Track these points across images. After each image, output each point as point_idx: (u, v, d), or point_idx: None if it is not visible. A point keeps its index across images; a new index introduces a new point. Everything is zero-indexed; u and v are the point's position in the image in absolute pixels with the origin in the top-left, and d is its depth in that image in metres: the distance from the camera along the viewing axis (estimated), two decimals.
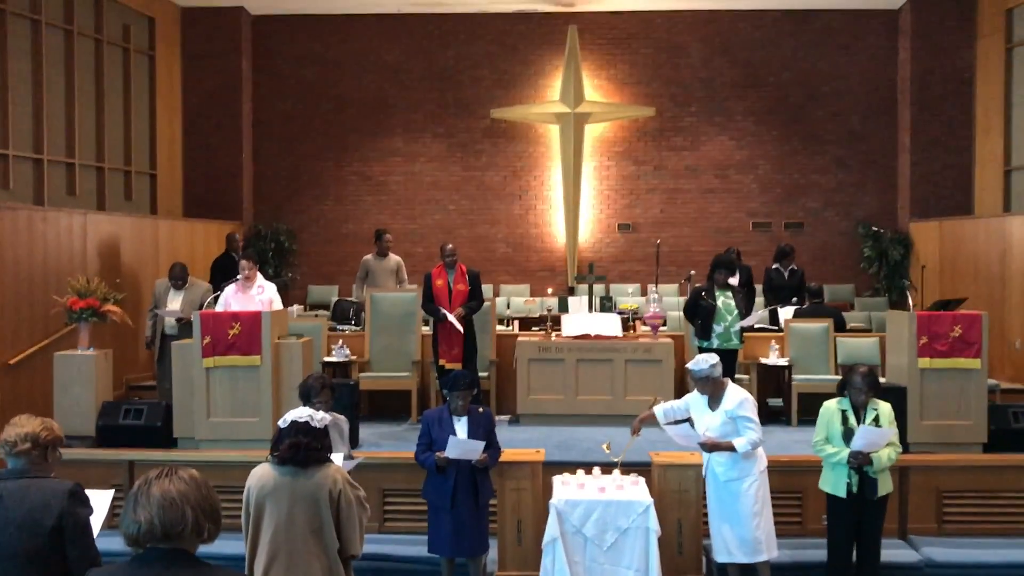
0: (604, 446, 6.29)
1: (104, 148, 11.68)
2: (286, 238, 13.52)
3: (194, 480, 2.68)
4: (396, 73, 13.71)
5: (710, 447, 5.94)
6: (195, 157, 13.38)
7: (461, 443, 5.69)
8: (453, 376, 5.93)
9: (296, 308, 11.93)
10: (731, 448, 5.86)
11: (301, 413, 4.35)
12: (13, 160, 10.14)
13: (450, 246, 8.88)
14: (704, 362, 6.00)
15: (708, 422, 6.04)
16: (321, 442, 4.30)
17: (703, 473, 6.19)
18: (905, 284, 10.19)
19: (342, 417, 5.99)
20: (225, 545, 5.93)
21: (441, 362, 8.56)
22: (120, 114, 12.11)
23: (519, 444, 7.73)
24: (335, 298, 12.54)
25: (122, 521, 2.65)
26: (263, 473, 4.29)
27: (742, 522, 5.89)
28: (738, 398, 5.96)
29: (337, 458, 5.12)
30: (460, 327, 8.41)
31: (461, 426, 5.88)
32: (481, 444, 5.72)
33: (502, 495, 6.39)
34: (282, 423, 4.34)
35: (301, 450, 4.21)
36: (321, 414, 4.42)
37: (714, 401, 6.05)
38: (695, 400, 6.21)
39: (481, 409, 6.01)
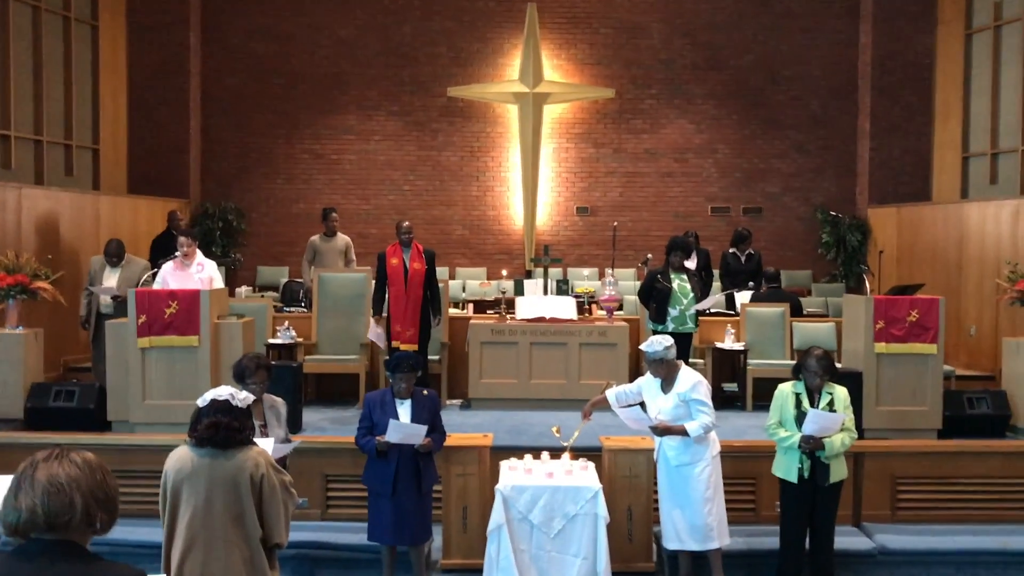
0: (554, 429, 6.10)
1: (43, 121, 11.20)
2: (235, 217, 13.12)
3: (88, 464, 2.40)
4: (350, 48, 13.35)
5: (661, 431, 5.80)
6: (140, 132, 12.91)
7: (402, 427, 5.45)
8: (396, 357, 5.69)
9: (244, 289, 11.60)
10: (683, 432, 5.72)
11: (221, 392, 4.08)
12: None
13: (406, 223, 8.60)
14: (658, 343, 5.83)
15: (660, 405, 5.88)
16: (243, 423, 4.04)
17: (655, 457, 6.02)
18: (863, 269, 10.11)
19: (279, 400, 5.70)
20: (158, 533, 5.64)
21: (395, 344, 8.29)
22: (60, 86, 11.62)
23: (470, 429, 7.51)
24: (284, 279, 12.22)
25: (2, 508, 2.37)
26: (181, 455, 4.01)
27: (693, 508, 5.75)
28: (691, 381, 5.80)
29: (268, 443, 4.86)
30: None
31: (404, 409, 5.64)
32: (423, 428, 5.48)
33: (447, 481, 6.17)
34: (201, 402, 4.07)
35: (221, 430, 3.94)
36: (244, 394, 4.16)
37: (667, 384, 5.90)
38: (648, 383, 6.04)
39: (426, 392, 5.77)
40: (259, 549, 3.98)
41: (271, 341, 9.02)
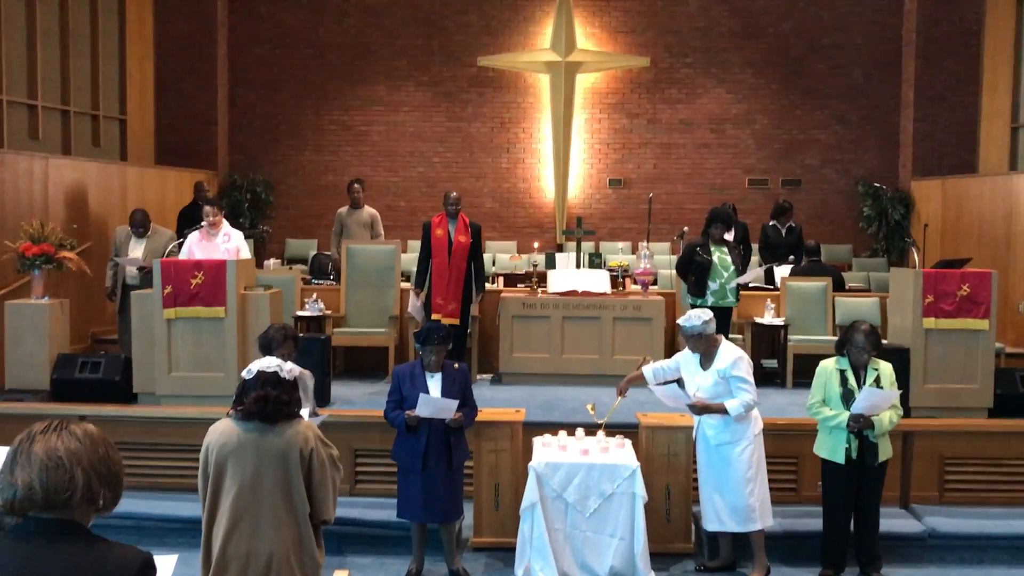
0: (588, 407, 5.88)
1: (70, 91, 11.08)
2: (263, 189, 12.96)
3: (89, 436, 2.22)
4: (379, 17, 13.09)
5: (700, 409, 5.54)
6: (168, 103, 12.77)
7: (433, 401, 5.26)
8: (426, 329, 5.49)
9: (273, 262, 11.43)
10: (722, 410, 5.47)
11: (269, 363, 3.90)
12: None
13: (454, 194, 8.40)
14: (696, 318, 5.57)
15: (699, 382, 5.63)
16: (291, 395, 3.85)
17: (693, 436, 5.79)
18: (909, 242, 9.74)
19: (306, 372, 5.51)
20: (184, 507, 5.47)
21: (435, 317, 8.12)
22: (87, 56, 11.49)
23: (500, 404, 7.34)
24: (313, 252, 12.07)
25: None
26: (225, 429, 3.83)
27: (734, 489, 5.51)
28: (731, 357, 5.54)
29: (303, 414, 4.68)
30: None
31: (434, 383, 5.45)
32: (454, 403, 5.29)
33: (479, 457, 5.98)
34: (246, 374, 3.88)
35: (270, 403, 3.76)
36: (290, 365, 3.97)
37: (706, 360, 5.64)
38: (686, 359, 5.79)
39: (456, 365, 5.58)
40: (308, 526, 3.81)
41: (299, 313, 8.87)
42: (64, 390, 7.39)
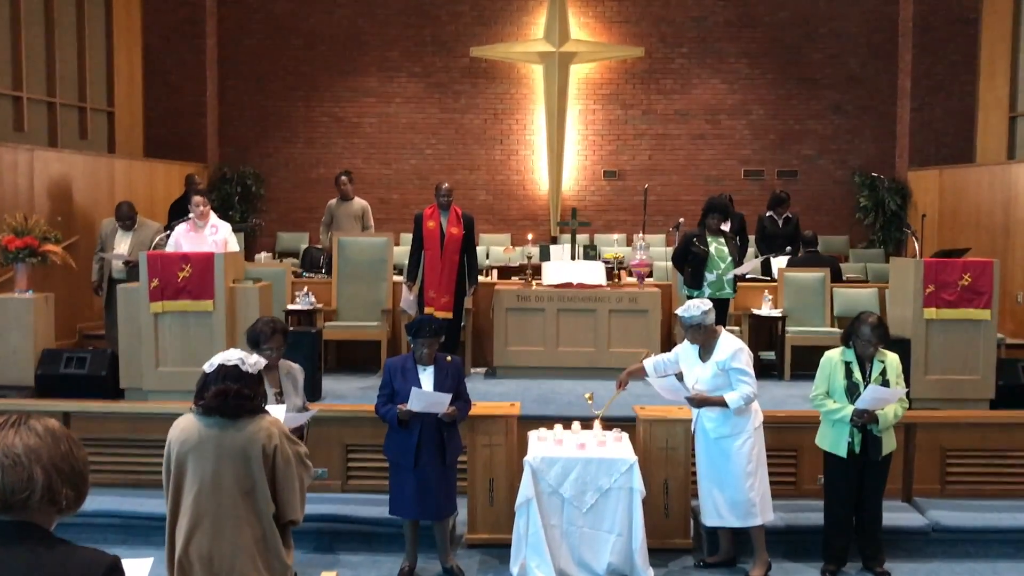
0: (586, 396, 5.74)
1: (55, 82, 10.89)
2: (253, 182, 12.80)
3: (51, 432, 2.07)
4: (370, 7, 12.91)
5: (698, 401, 5.41)
6: (156, 95, 12.59)
7: (425, 395, 5.12)
8: (418, 321, 5.35)
9: (264, 255, 11.29)
10: (721, 403, 5.34)
11: (230, 356, 3.75)
12: None
13: (446, 185, 8.25)
14: (695, 308, 5.44)
15: (698, 374, 5.50)
16: (253, 390, 3.70)
17: (692, 429, 5.66)
18: (908, 231, 9.62)
19: (296, 366, 5.40)
20: (160, 504, 5.28)
21: (428, 310, 7.98)
22: (73, 47, 11.29)
23: (495, 398, 7.22)
24: (304, 245, 11.91)
25: None
26: (186, 425, 3.69)
27: (734, 483, 5.38)
28: (731, 348, 5.40)
29: (279, 410, 4.55)
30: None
31: (427, 376, 5.31)
32: (447, 396, 5.15)
33: (473, 452, 5.85)
34: (208, 367, 3.74)
35: (230, 398, 3.61)
36: (255, 358, 3.82)
37: (705, 351, 5.51)
38: (685, 351, 5.66)
39: (449, 358, 5.44)
40: (272, 526, 3.67)
41: (290, 307, 8.72)
42: (49, 386, 7.24)
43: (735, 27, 12.88)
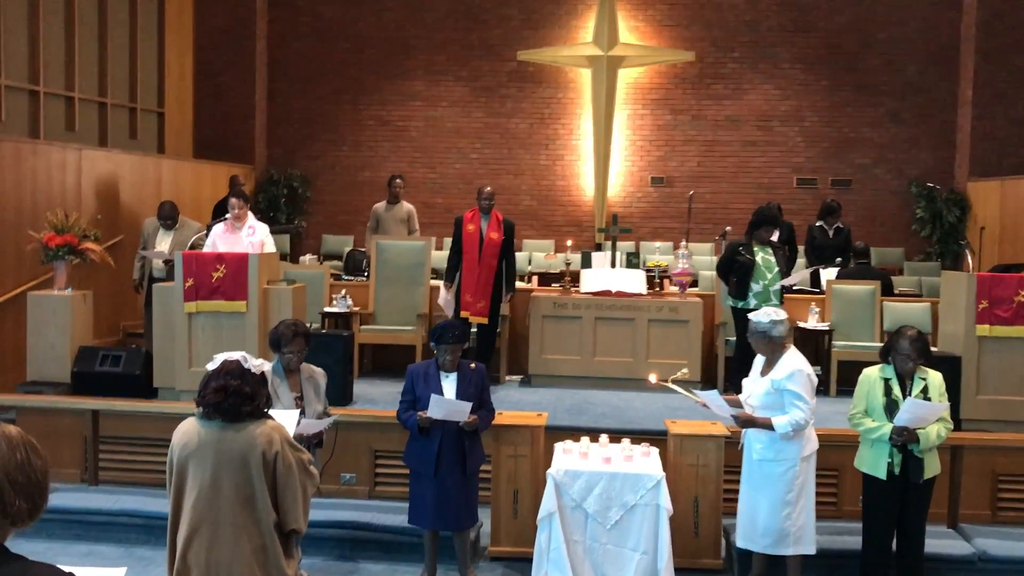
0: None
1: (107, 83, 11.05)
2: (300, 184, 12.86)
3: (7, 439, 1.98)
4: (418, 11, 12.89)
5: (744, 422, 5.11)
6: (206, 97, 12.73)
7: (445, 402, 5.01)
8: (441, 326, 5.24)
9: (308, 258, 11.31)
10: (768, 426, 5.04)
11: (233, 353, 3.68)
12: (6, 91, 9.53)
13: (488, 189, 8.18)
14: (764, 315, 5.13)
15: (752, 388, 5.21)
16: (255, 389, 3.60)
17: (740, 445, 5.38)
18: (963, 245, 9.27)
19: (319, 370, 5.34)
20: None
21: (464, 314, 7.90)
22: (125, 48, 11.46)
23: (528, 407, 7.10)
24: (349, 248, 11.91)
25: None
26: (188, 428, 3.62)
27: (770, 508, 5.11)
28: (790, 367, 5.06)
29: (290, 416, 4.45)
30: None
31: (449, 383, 5.20)
32: (467, 404, 5.03)
33: (497, 462, 5.72)
34: (210, 365, 3.67)
35: (229, 396, 3.51)
36: (260, 360, 3.74)
37: (767, 366, 5.19)
38: (757, 362, 5.35)
39: (473, 365, 5.32)
40: (272, 536, 3.57)
41: (327, 310, 8.69)
42: (84, 383, 7.28)
43: (789, 32, 12.58)
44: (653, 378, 5.37)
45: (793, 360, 5.12)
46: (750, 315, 5.26)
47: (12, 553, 1.94)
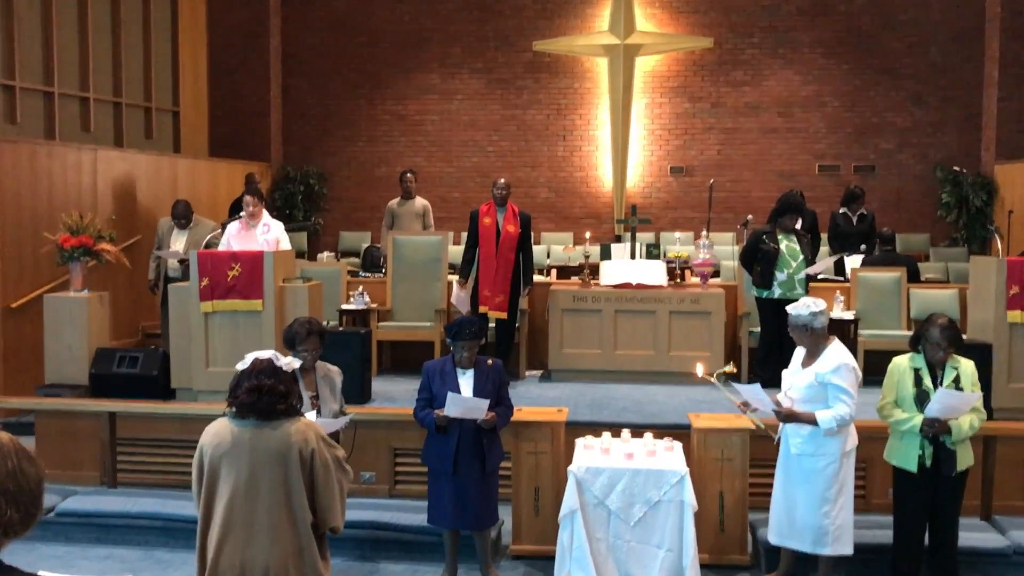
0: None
1: (122, 83, 11.04)
2: (316, 181, 12.82)
3: None
4: (432, 3, 12.78)
5: (786, 416, 4.96)
6: (221, 95, 12.70)
7: (461, 400, 4.91)
8: (458, 323, 5.14)
9: (326, 255, 11.26)
10: (812, 420, 4.89)
11: (264, 352, 3.62)
12: (21, 93, 9.54)
13: (503, 180, 8.08)
14: (804, 307, 4.98)
15: (794, 381, 5.06)
16: (289, 387, 3.55)
17: (776, 439, 5.24)
18: (992, 230, 9.05)
19: (334, 368, 5.26)
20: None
21: (482, 310, 7.81)
22: (139, 47, 11.44)
23: (548, 402, 6.99)
24: (366, 245, 11.85)
25: None
26: (219, 429, 3.56)
27: (807, 506, 4.96)
28: (836, 361, 4.91)
29: (310, 415, 4.39)
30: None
31: (466, 380, 5.10)
32: (485, 402, 4.93)
33: (517, 459, 5.63)
34: (240, 365, 3.61)
35: (264, 394, 3.46)
36: (289, 358, 3.68)
37: (809, 357, 5.03)
38: (797, 353, 5.21)
39: (491, 361, 5.22)
40: (309, 535, 3.50)
41: (344, 307, 8.62)
42: (102, 385, 7.25)
43: (809, 16, 12.36)
44: (700, 369, 5.24)
45: (838, 353, 4.98)
46: (788, 308, 5.11)
47: (5, 565, 1.86)
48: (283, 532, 3.45)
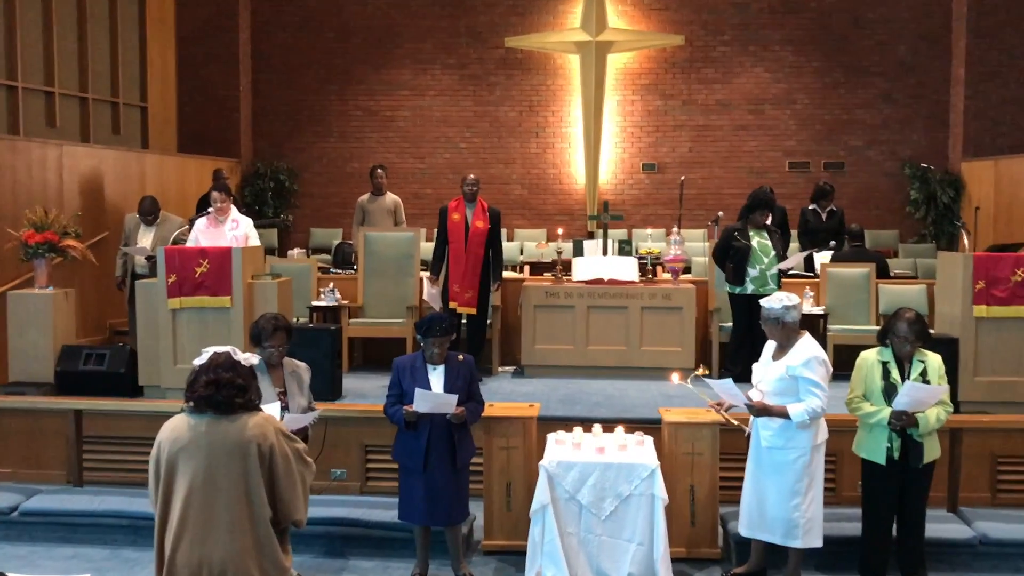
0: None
1: (88, 77, 10.88)
2: (287, 177, 12.72)
3: None
4: None
5: (759, 410, 4.97)
6: (189, 89, 12.57)
7: (430, 396, 4.90)
8: (428, 319, 5.11)
9: (297, 251, 11.18)
10: (784, 415, 4.91)
11: (222, 348, 3.58)
12: None
13: (472, 176, 8.07)
14: (777, 300, 5.02)
15: (765, 374, 5.09)
16: (247, 381, 3.51)
17: (747, 432, 5.26)
18: (959, 225, 9.16)
19: (302, 364, 5.23)
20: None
21: (452, 305, 7.79)
22: (106, 41, 11.29)
23: (520, 398, 6.99)
24: (337, 241, 11.78)
25: None
26: (176, 424, 3.52)
27: (777, 498, 4.99)
28: (806, 354, 4.95)
29: (272, 408, 4.33)
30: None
31: (436, 376, 5.08)
32: (454, 397, 4.91)
33: (489, 455, 5.61)
34: (198, 360, 3.57)
35: (221, 388, 3.43)
36: (248, 354, 3.64)
37: (780, 351, 5.07)
38: (767, 347, 5.24)
39: (461, 357, 5.20)
40: (268, 530, 3.45)
41: (315, 303, 8.56)
42: (68, 383, 7.16)
43: (779, 14, 12.44)
44: (676, 378, 5.25)
45: (809, 347, 5.01)
46: (762, 301, 5.14)
47: None
48: (242, 527, 3.42)
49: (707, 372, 5.39)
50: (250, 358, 3.67)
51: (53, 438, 6.65)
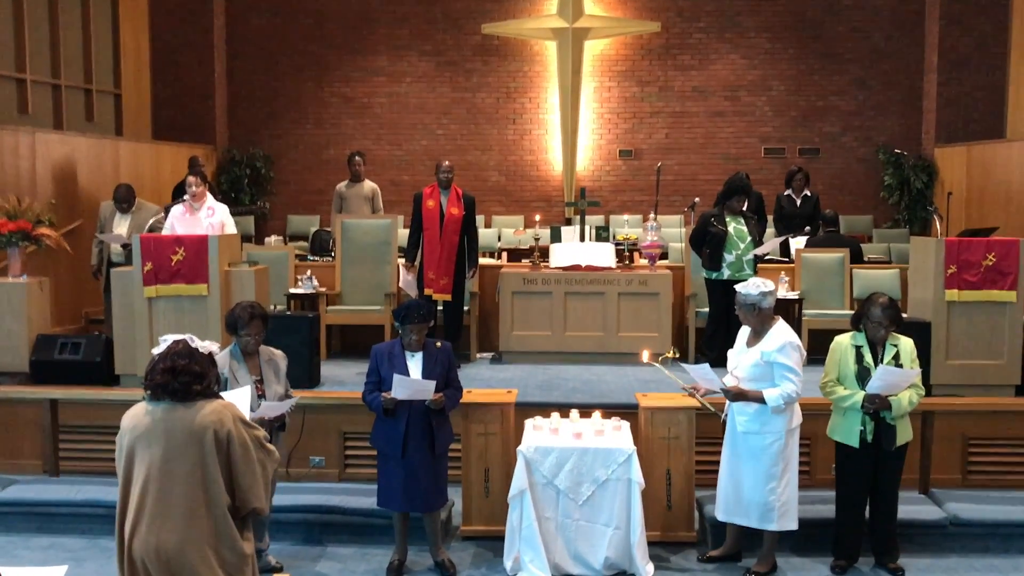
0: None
1: (60, 64, 10.75)
2: (263, 164, 12.64)
3: None
4: None
5: (735, 395, 5.03)
6: (164, 77, 12.44)
7: (408, 382, 4.91)
8: (406, 306, 5.12)
9: (274, 239, 11.13)
10: (760, 399, 4.97)
11: (181, 336, 3.58)
12: None
13: (447, 163, 8.03)
14: (753, 287, 5.08)
15: (740, 360, 5.14)
16: (204, 368, 3.50)
17: (722, 416, 5.32)
18: (932, 210, 9.27)
19: (279, 352, 5.23)
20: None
21: (428, 292, 7.79)
22: (78, 27, 11.14)
23: (498, 384, 7.03)
24: (315, 228, 11.72)
25: None
26: (136, 411, 3.51)
27: (753, 482, 5.06)
28: (781, 340, 5.01)
29: (242, 394, 4.29)
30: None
31: (415, 363, 5.09)
32: (431, 383, 4.92)
33: (467, 441, 5.64)
34: (156, 349, 3.55)
35: (179, 375, 3.41)
36: (207, 342, 3.63)
37: (755, 337, 5.12)
38: (742, 333, 5.29)
39: (439, 343, 5.21)
40: (225, 516, 3.44)
41: (292, 291, 8.54)
42: (43, 372, 7.12)
43: (754, 0, 12.48)
44: (645, 356, 5.29)
45: (783, 332, 5.07)
46: (738, 287, 5.19)
47: None
48: (198, 514, 3.40)
49: (677, 355, 5.43)
50: (210, 345, 3.65)
51: (28, 428, 6.61)
